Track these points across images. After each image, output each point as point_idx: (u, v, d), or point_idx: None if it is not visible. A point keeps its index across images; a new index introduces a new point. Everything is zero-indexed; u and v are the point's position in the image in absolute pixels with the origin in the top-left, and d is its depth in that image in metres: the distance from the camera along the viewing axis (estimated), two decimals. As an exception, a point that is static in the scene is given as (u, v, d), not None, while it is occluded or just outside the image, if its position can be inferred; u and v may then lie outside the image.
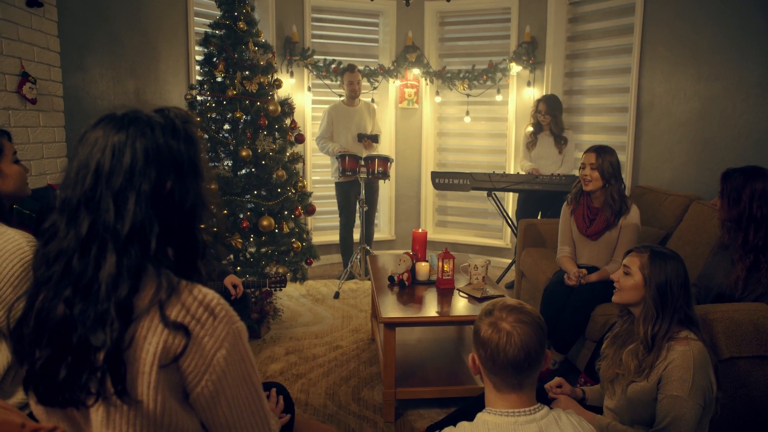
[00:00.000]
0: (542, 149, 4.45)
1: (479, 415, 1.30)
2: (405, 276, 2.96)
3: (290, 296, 4.46)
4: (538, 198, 4.41)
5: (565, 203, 3.21)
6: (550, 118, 4.37)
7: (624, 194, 3.02)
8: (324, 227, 5.52)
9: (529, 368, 1.27)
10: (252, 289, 3.60)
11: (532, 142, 4.49)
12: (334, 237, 5.20)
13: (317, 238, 5.38)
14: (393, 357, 2.55)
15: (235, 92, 3.62)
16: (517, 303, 1.33)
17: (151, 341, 0.93)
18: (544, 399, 1.99)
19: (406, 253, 3.03)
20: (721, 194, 2.28)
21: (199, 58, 3.76)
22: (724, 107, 3.45)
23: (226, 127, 3.77)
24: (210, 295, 0.99)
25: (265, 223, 3.59)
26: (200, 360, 0.95)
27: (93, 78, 3.54)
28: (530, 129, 4.54)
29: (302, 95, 5.19)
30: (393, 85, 5.49)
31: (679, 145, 3.85)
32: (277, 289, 3.18)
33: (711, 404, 1.73)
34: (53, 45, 3.15)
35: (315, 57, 5.15)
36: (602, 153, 2.96)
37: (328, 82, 5.25)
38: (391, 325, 2.52)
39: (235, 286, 2.84)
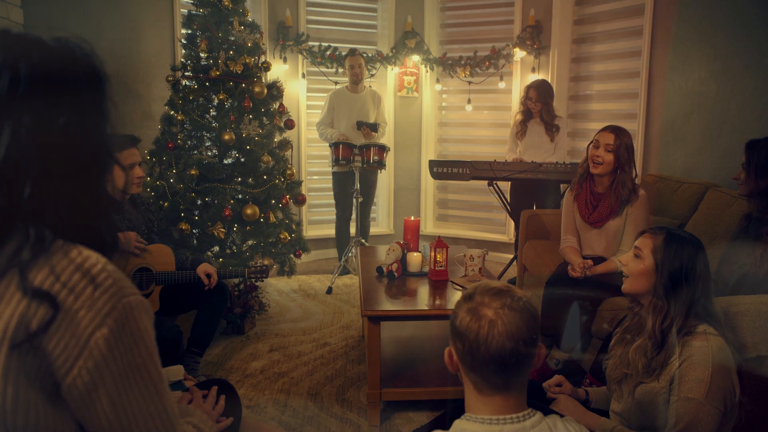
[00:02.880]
0: (533, 138, 4.20)
1: (456, 422, 1.07)
2: (394, 267, 2.73)
3: (280, 291, 4.24)
4: (531, 188, 4.15)
5: (568, 189, 2.97)
6: (541, 105, 4.11)
7: (635, 183, 2.78)
8: (320, 220, 5.30)
9: (517, 365, 1.04)
10: (234, 279, 3.40)
11: (521, 131, 4.23)
12: (331, 231, 4.98)
13: (313, 232, 5.18)
14: (378, 354, 2.32)
15: (218, 73, 3.41)
16: (503, 286, 1.09)
17: (3, 314, 0.72)
18: (543, 399, 1.77)
19: (397, 243, 2.80)
20: (747, 165, 2.10)
21: (185, 42, 3.55)
22: (744, 86, 3.18)
23: (213, 113, 3.57)
24: (93, 258, 0.78)
25: (249, 211, 3.37)
26: (72, 340, 0.73)
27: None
28: (519, 117, 4.28)
29: (296, 82, 4.97)
30: (391, 72, 5.26)
31: (693, 130, 3.59)
32: (258, 280, 2.96)
33: (733, 410, 1.49)
34: (15, 15, 2.95)
35: (310, 43, 4.93)
36: (621, 134, 2.69)
37: (323, 69, 5.03)
38: (375, 318, 2.29)
39: (209, 276, 2.62)
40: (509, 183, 4.30)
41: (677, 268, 1.50)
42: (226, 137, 3.35)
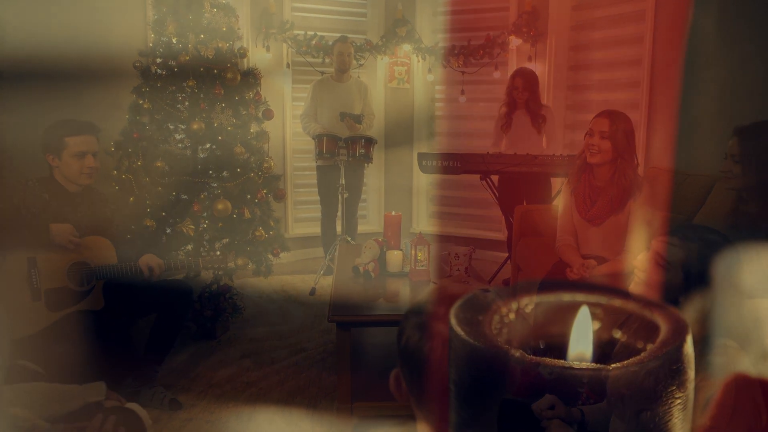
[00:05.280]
0: (519, 129, 3.94)
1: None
2: (371, 266, 2.49)
3: (261, 292, 4.00)
4: (520, 182, 3.89)
5: (565, 182, 2.73)
6: (528, 95, 3.87)
7: (637, 173, 2.54)
8: (306, 218, 5.06)
9: (481, 397, 0.79)
10: (206, 280, 3.17)
11: (507, 123, 3.98)
12: (318, 228, 4.74)
13: (299, 230, 4.95)
14: (348, 364, 2.08)
15: (188, 57, 3.17)
16: (464, 291, 0.85)
17: None
18: (532, 424, 1.52)
19: (375, 240, 2.56)
20: (743, 156, 1.88)
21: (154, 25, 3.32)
22: (755, 71, 2.94)
23: (187, 104, 3.33)
24: None
25: (219, 206, 3.13)
26: None
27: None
28: (504, 109, 4.02)
29: (280, 73, 4.73)
30: (381, 62, 5.02)
31: (699, 119, 3.35)
32: (216, 270, 2.74)
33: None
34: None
35: (295, 31, 4.69)
36: (616, 119, 2.45)
37: (310, 59, 4.79)
38: (344, 324, 2.05)
39: (151, 269, 2.37)
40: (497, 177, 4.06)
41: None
42: (195, 126, 3.12)
